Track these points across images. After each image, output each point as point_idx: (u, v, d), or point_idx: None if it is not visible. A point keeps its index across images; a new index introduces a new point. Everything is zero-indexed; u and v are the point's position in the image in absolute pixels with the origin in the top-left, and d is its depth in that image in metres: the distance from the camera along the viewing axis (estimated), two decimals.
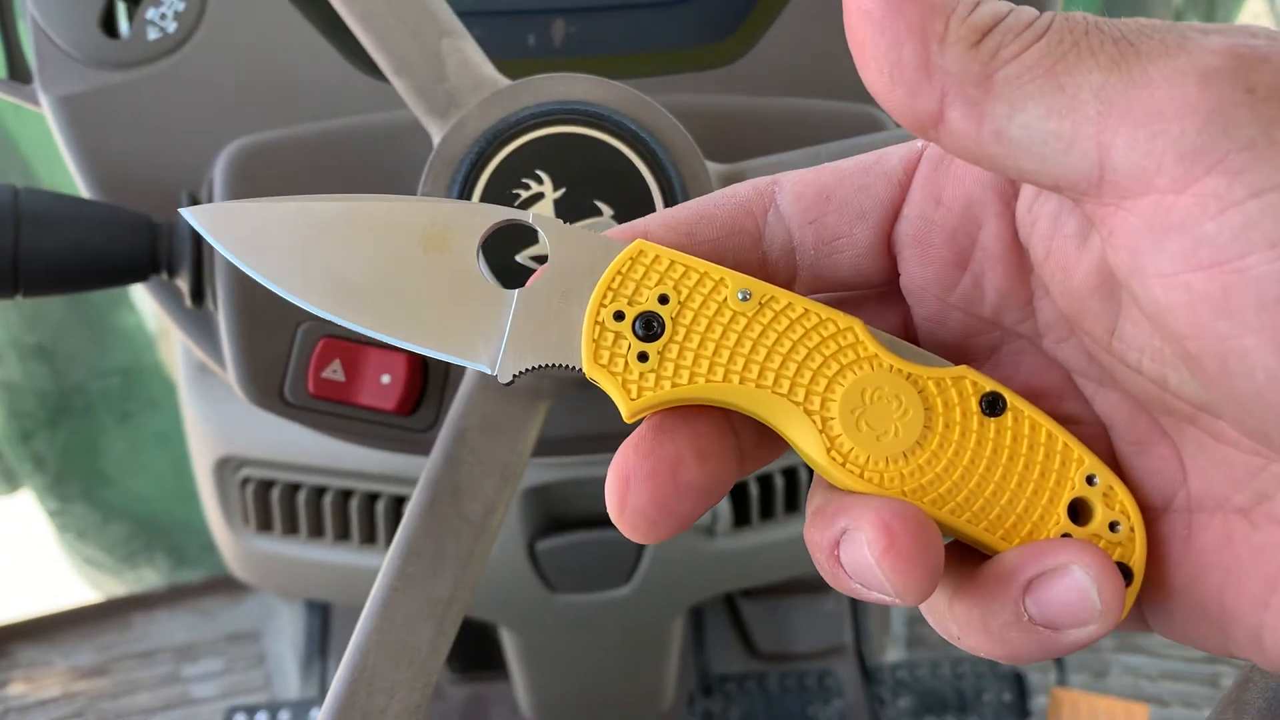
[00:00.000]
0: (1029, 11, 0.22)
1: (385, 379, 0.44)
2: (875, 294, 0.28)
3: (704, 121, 0.42)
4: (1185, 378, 0.23)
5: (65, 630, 1.15)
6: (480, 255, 0.26)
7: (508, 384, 0.25)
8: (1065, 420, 0.26)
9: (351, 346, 0.45)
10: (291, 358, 0.45)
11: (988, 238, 0.26)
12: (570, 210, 0.38)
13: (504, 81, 0.40)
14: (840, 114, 0.45)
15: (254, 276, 0.26)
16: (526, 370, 0.25)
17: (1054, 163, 0.21)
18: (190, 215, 0.27)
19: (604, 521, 0.70)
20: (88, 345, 1.14)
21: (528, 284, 0.26)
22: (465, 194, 0.38)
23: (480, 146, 0.38)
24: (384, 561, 0.38)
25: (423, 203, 0.26)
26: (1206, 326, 0.20)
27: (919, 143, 0.26)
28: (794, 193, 0.27)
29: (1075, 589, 0.24)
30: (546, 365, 0.25)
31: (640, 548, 0.70)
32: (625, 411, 0.25)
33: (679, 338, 0.25)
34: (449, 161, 0.39)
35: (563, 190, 0.38)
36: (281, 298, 0.45)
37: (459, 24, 0.40)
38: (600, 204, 0.38)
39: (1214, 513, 0.24)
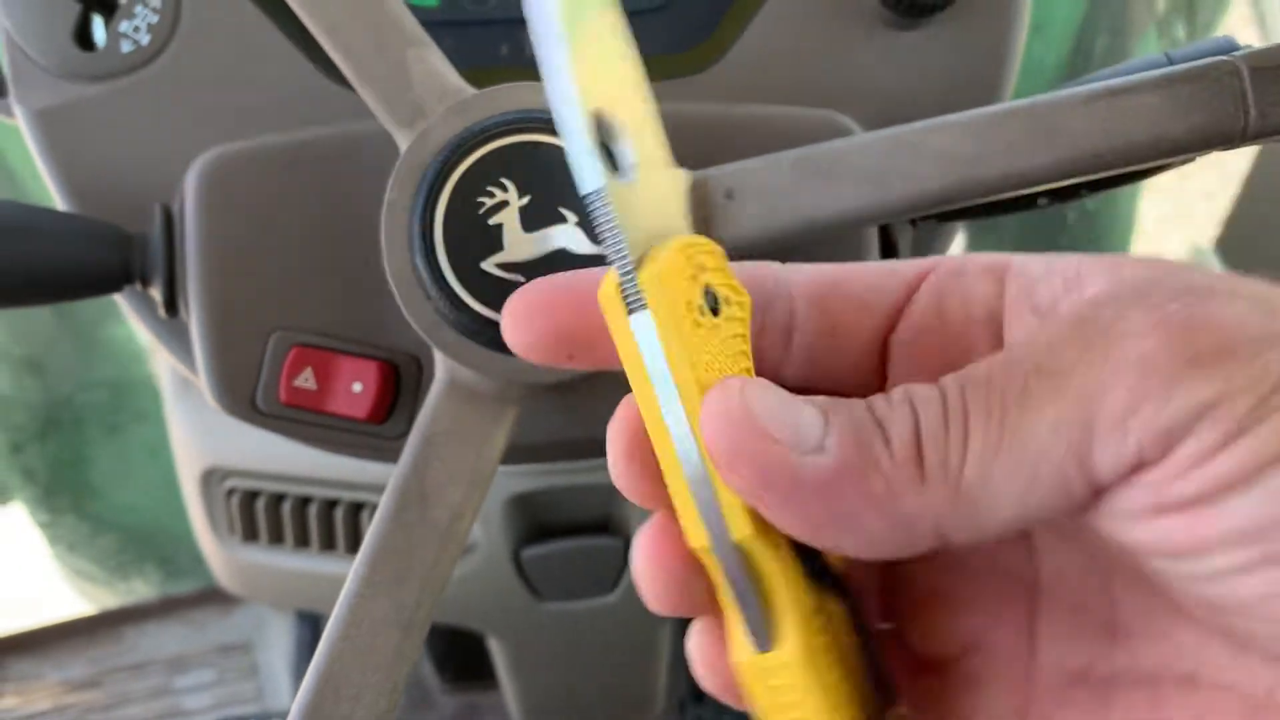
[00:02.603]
0: (933, 393, 0.22)
1: (357, 387, 0.45)
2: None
3: (667, 129, 0.42)
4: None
5: (57, 643, 1.15)
6: None
7: None
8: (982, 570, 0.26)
9: (323, 355, 0.45)
10: (263, 366, 0.45)
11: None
12: (536, 218, 0.39)
13: (469, 90, 0.40)
14: (806, 120, 0.45)
15: None
16: None
17: (1051, 505, 0.22)
18: None
19: (589, 529, 0.70)
20: (76, 358, 1.14)
21: None
22: (431, 202, 0.38)
23: (445, 155, 0.39)
24: (351, 567, 0.38)
25: None
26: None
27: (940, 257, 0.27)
28: (808, 275, 0.27)
29: None
30: None
31: (626, 554, 0.70)
32: None
33: None
34: (414, 170, 0.39)
35: (528, 198, 0.39)
36: (252, 305, 0.45)
37: (424, 34, 0.40)
38: (565, 211, 0.39)
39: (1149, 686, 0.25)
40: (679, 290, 0.24)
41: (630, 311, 0.24)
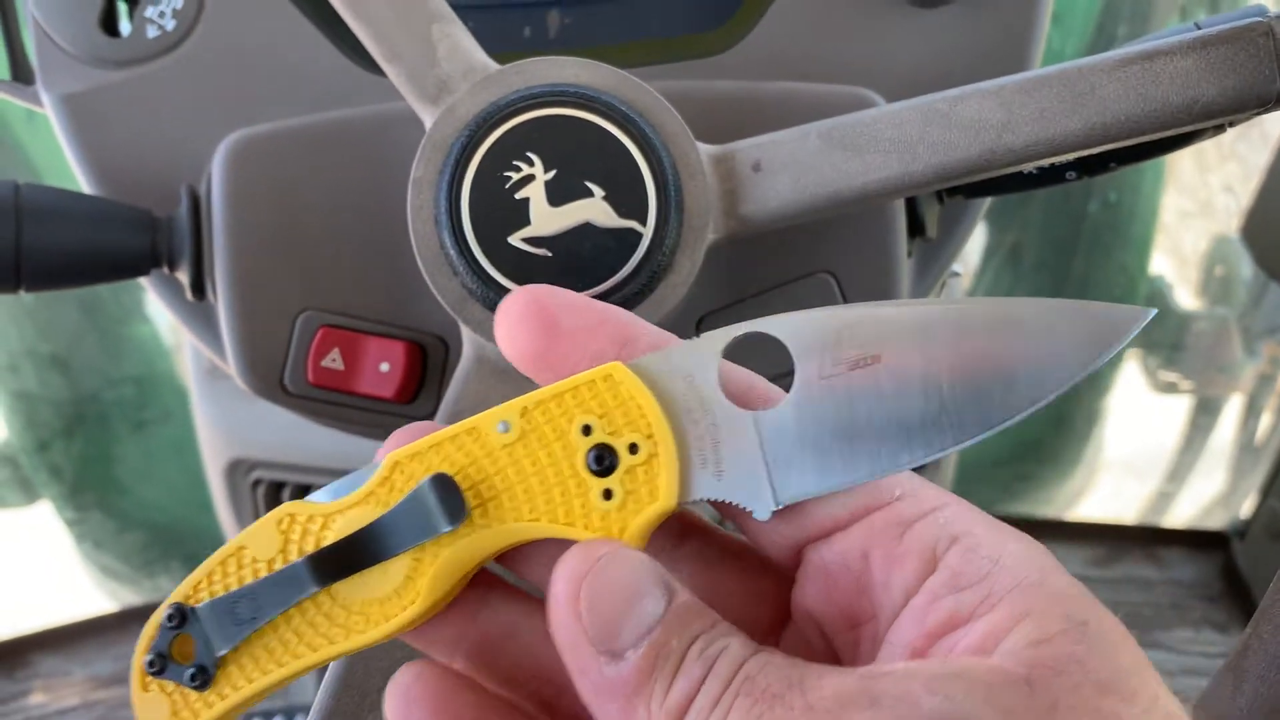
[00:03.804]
0: (738, 656, 0.23)
1: (384, 367, 0.45)
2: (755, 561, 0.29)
3: (695, 105, 0.42)
4: None
5: (84, 640, 1.16)
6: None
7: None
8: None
9: (350, 335, 0.45)
10: (291, 347, 0.45)
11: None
12: (561, 191, 0.38)
13: (494, 66, 0.40)
14: (833, 96, 0.45)
15: None
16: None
17: None
18: None
19: None
20: (102, 355, 1.15)
21: None
22: (457, 177, 0.38)
23: (471, 130, 0.38)
24: None
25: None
26: None
27: (896, 490, 0.26)
28: None
29: None
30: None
31: None
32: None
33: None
34: (440, 145, 0.39)
35: (554, 172, 0.38)
36: (279, 286, 0.45)
37: (448, 9, 0.40)
38: (591, 185, 0.39)
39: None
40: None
41: None
